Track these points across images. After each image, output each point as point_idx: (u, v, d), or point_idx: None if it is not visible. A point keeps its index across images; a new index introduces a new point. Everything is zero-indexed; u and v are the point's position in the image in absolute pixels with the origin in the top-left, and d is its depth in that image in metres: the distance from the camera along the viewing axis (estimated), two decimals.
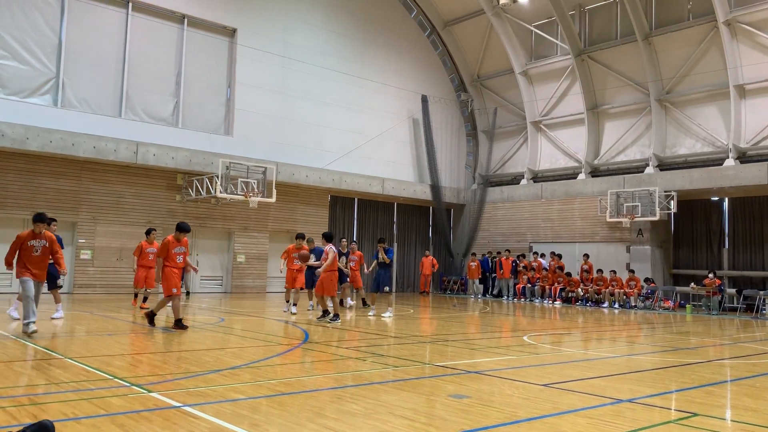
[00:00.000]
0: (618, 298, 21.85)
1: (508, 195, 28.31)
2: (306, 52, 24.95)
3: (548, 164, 27.82)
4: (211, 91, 22.93)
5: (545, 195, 26.91)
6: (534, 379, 6.89)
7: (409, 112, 28.31)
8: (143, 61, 21.29)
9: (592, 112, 26.18)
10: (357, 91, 26.33)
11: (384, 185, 26.64)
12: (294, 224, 24.63)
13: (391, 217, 28.82)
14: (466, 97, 30.23)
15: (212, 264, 23.18)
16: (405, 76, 28.21)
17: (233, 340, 10.09)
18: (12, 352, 7.85)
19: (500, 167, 29.62)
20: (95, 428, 4.39)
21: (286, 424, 4.78)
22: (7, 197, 18.81)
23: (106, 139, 19.74)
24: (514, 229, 27.79)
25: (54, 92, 19.62)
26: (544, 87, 27.62)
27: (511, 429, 4.72)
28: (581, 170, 26.21)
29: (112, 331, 10.48)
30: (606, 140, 26.12)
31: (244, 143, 22.90)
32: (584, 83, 26.00)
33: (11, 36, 18.86)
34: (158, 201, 21.58)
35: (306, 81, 24.82)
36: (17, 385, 5.77)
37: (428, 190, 28.26)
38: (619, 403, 5.77)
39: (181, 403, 5.22)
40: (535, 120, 27.92)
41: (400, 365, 7.72)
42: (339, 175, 25.08)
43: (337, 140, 25.41)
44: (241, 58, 23.25)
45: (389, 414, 5.08)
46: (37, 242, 9.76)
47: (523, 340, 11.00)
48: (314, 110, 25.00)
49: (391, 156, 27.38)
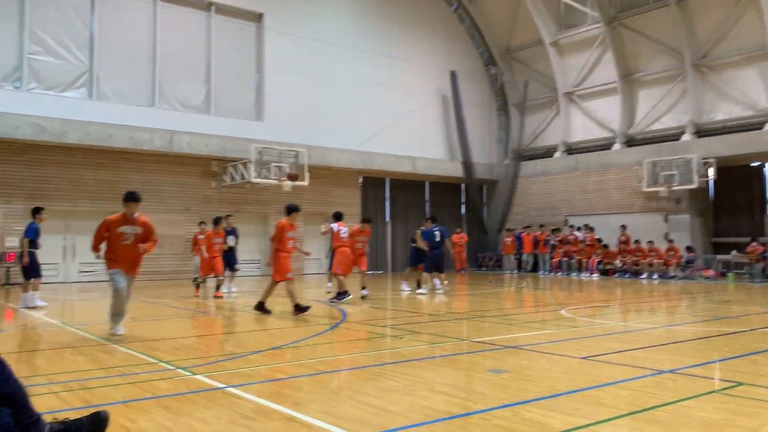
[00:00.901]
0: (657, 268, 21.51)
1: (541, 168, 27.97)
2: (333, 34, 24.87)
3: (582, 136, 27.36)
4: (240, 77, 23.07)
5: (580, 167, 26.51)
6: (573, 352, 6.86)
7: (438, 89, 28.06)
8: (173, 50, 21.50)
9: (625, 81, 25.60)
10: (385, 71, 26.18)
11: (415, 164, 26.56)
12: (328, 206, 24.69)
13: (423, 195, 28.75)
14: (496, 71, 29.81)
15: (250, 248, 23.48)
16: (433, 53, 27.93)
17: (273, 322, 10.26)
18: (61, 339, 8.12)
19: (533, 141, 29.25)
20: (143, 411, 4.54)
21: (328, 402, 4.86)
22: (49, 190, 19.31)
23: (141, 130, 20.08)
24: (549, 203, 27.48)
25: (88, 85, 19.98)
26: (575, 57, 27.06)
27: (551, 402, 4.73)
28: (616, 140, 25.73)
29: (155, 317, 10.74)
30: (640, 109, 25.55)
31: (276, 128, 23.02)
32: (616, 51, 25.40)
33: (45, 31, 19.22)
34: (194, 188, 21.92)
35: (334, 62, 24.77)
36: (67, 370, 5.99)
37: (460, 167, 28.08)
38: (660, 374, 5.71)
39: (224, 384, 5.34)
40: (567, 91, 27.42)
41: (438, 342, 7.76)
42: (370, 156, 25.08)
43: (366, 121, 25.36)
44: (269, 42, 23.30)
45: (428, 390, 5.13)
46: (129, 228, 8.13)
47: (561, 314, 10.94)
48: (343, 91, 24.96)
49: (422, 134, 27.22)
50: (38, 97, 18.86)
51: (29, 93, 18.84)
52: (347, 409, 4.61)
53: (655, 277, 21.30)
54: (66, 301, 14.45)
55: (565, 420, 4.21)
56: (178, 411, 4.53)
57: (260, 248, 23.75)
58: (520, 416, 4.32)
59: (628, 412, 4.44)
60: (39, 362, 6.43)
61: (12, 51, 18.70)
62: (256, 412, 4.49)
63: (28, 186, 18.93)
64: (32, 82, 18.99)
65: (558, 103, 27.85)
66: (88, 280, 20.08)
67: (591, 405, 4.61)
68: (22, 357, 6.74)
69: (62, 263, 19.95)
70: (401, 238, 27.79)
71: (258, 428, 4.09)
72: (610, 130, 26.14)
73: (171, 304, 13.13)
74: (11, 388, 2.70)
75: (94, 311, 12.49)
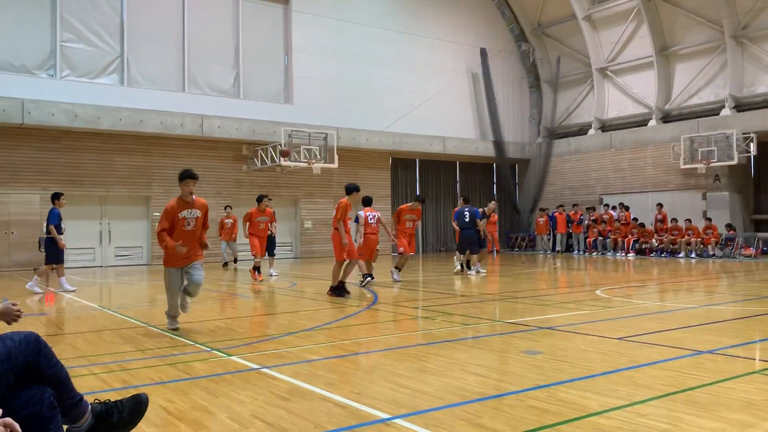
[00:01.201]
0: (694, 247, 21.08)
1: (575, 146, 27.53)
2: (360, 14, 24.71)
3: (616, 112, 26.81)
4: (269, 60, 23.10)
5: (614, 144, 26.02)
6: (608, 333, 6.77)
7: (468, 68, 27.73)
8: (202, 35, 21.62)
9: (661, 55, 24.94)
10: (414, 50, 25.95)
11: (445, 144, 26.37)
12: None
13: (454, 176, 28.58)
14: (527, 48, 29.31)
15: (281, 230, 23.60)
16: (462, 31, 27.56)
17: (306, 304, 10.34)
18: (100, 321, 8.30)
19: (566, 118, 28.77)
20: (181, 391, 4.61)
21: (361, 382, 4.88)
22: (84, 175, 19.69)
23: (172, 114, 20.29)
24: (583, 182, 27.08)
25: (120, 71, 20.23)
26: (608, 31, 26.44)
27: (587, 383, 4.67)
28: (652, 116, 25.15)
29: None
30: (677, 83, 24.90)
31: (305, 110, 23.05)
32: (652, 24, 24.73)
33: (77, 19, 19.48)
34: (225, 172, 22.13)
35: (362, 43, 24.63)
36: (107, 352, 6.12)
37: (491, 147, 27.80)
38: (699, 355, 5.60)
39: (259, 366, 5.40)
40: (601, 66, 26.85)
41: (471, 323, 7.73)
42: (399, 137, 24.98)
43: (395, 101, 25.22)
44: (296, 24, 23.26)
45: (462, 371, 5.11)
46: (188, 213, 7.26)
47: (596, 294, 10.80)
48: (372, 72, 24.84)
49: (452, 114, 26.98)
50: (72, 85, 19.17)
51: (63, 80, 19.17)
52: (380, 389, 4.62)
53: (693, 256, 20.89)
54: (103, 285, 14.77)
55: (602, 401, 4.15)
56: (215, 391, 4.59)
57: (291, 231, 23.92)
58: (555, 397, 4.28)
59: (666, 393, 4.35)
60: (80, 344, 6.58)
61: (45, 39, 19.01)
62: (291, 393, 4.52)
63: (63, 172, 19.33)
64: (65, 69, 19.31)
65: (591, 79, 27.30)
66: (124, 264, 20.50)
67: (628, 386, 4.54)
68: (64, 339, 6.91)
69: (98, 248, 20.38)
70: (432, 219, 27.74)
71: (293, 408, 4.12)
72: (646, 106, 25.56)
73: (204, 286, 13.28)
74: (53, 369, 2.76)
75: (130, 294, 12.75)
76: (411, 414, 3.97)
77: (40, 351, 2.69)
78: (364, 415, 3.97)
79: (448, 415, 3.95)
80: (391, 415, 3.94)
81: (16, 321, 3.70)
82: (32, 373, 2.67)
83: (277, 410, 4.09)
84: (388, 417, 3.91)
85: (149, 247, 20.91)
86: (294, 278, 15.04)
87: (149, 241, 20.91)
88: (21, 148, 18.72)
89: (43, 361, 2.69)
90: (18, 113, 17.90)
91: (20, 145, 18.70)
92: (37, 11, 18.88)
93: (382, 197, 25.68)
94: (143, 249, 21.06)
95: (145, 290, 13.49)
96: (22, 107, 17.93)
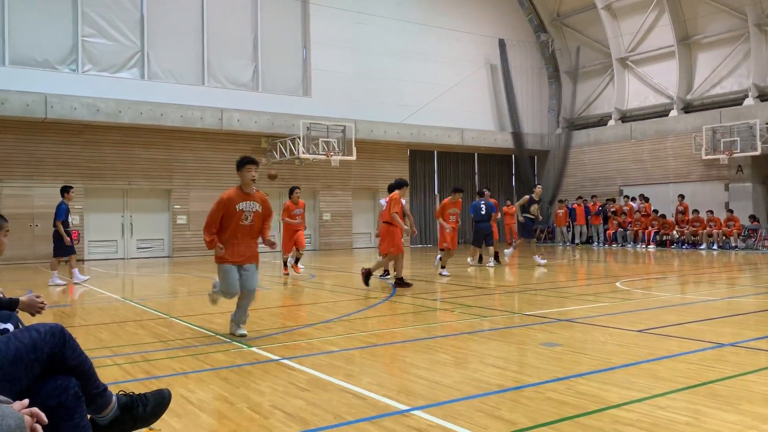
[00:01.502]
0: (716, 239, 20.82)
1: (594, 137, 27.27)
2: (378, 6, 24.64)
3: (637, 102, 26.49)
4: (287, 53, 23.15)
5: (635, 135, 25.73)
6: (628, 325, 6.73)
7: (486, 59, 27.55)
8: (221, 28, 21.71)
9: (682, 44, 24.57)
10: (431, 41, 25.83)
11: (463, 136, 26.27)
12: (375, 181, 24.81)
13: (472, 168, 28.46)
14: (546, 38, 29.04)
15: None
16: (480, 21, 27.37)
17: (325, 295, 10.40)
18: (123, 313, 8.42)
19: (585, 109, 28.49)
20: (202, 382, 4.68)
21: (380, 374, 4.91)
22: (105, 169, 19.92)
23: (192, 108, 20.44)
24: (603, 173, 26.83)
25: (140, 65, 20.40)
26: (629, 21, 26.09)
27: (606, 376, 4.65)
28: (673, 106, 24.82)
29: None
30: (699, 73, 24.52)
31: (323, 103, 23.09)
32: (673, 13, 24.35)
33: (98, 14, 19.66)
34: None
35: (379, 35, 24.57)
36: (130, 343, 6.21)
37: (510, 138, 27.64)
38: (720, 348, 5.55)
39: (279, 357, 5.45)
40: (621, 56, 26.52)
41: (489, 315, 7.72)
42: (417, 129, 24.92)
43: (413, 93, 25.15)
44: (314, 17, 23.27)
45: (480, 363, 5.12)
46: (247, 206, 6.43)
47: (616, 286, 10.73)
48: (389, 64, 24.78)
49: (470, 105, 26.85)
50: (93, 79, 19.38)
51: (84, 75, 19.38)
52: (399, 381, 4.65)
53: (715, 247, 20.64)
54: (125, 277, 14.96)
55: (621, 393, 4.14)
56: (236, 382, 4.65)
57: (310, 223, 23.98)
58: (574, 389, 4.27)
59: (687, 386, 4.33)
60: (103, 335, 6.68)
61: (67, 35, 19.22)
62: (310, 384, 4.57)
63: (85, 166, 19.58)
64: (87, 64, 19.52)
65: (611, 69, 26.99)
66: (146, 256, 20.74)
67: (647, 378, 4.52)
68: (88, 330, 7.02)
69: (120, 240, 20.63)
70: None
71: (312, 399, 4.16)
72: (667, 96, 25.23)
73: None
74: (78, 360, 2.81)
75: (152, 286, 12.91)
76: (429, 405, 3.99)
77: (65, 342, 2.74)
78: (383, 406, 4.00)
79: (466, 406, 3.97)
80: (409, 407, 3.96)
81: (40, 313, 3.78)
82: (57, 363, 2.72)
83: (297, 401, 4.14)
84: (407, 408, 3.93)
85: (170, 240, 21.14)
86: (313, 270, 15.12)
87: (170, 234, 21.13)
88: (44, 142, 18.98)
89: (67, 352, 2.75)
90: (41, 108, 18.14)
91: (43, 139, 18.96)
92: (60, 7, 19.09)
93: None
94: (164, 241, 21.29)
95: (166, 282, 13.65)
96: (45, 102, 18.17)
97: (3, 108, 17.64)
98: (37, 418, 2.00)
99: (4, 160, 18.45)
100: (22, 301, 3.69)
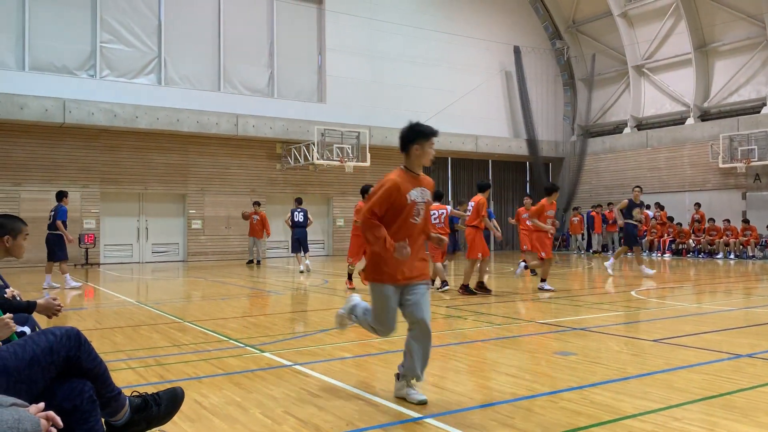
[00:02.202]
0: (733, 248, 20.59)
1: (610, 145, 27.11)
2: (393, 13, 24.71)
3: (653, 110, 26.32)
4: (303, 59, 23.26)
5: (651, 143, 25.55)
6: (643, 334, 6.67)
7: (501, 65, 27.52)
8: (237, 35, 21.87)
9: (700, 52, 24.40)
10: (446, 48, 25.84)
11: (477, 142, 26.23)
12: None
13: (486, 174, 28.38)
14: (562, 45, 28.95)
15: (314, 228, 23.79)
16: (495, 28, 27.35)
17: (338, 301, 10.40)
18: (137, 316, 8.47)
19: (601, 116, 28.35)
20: (215, 386, 4.69)
21: (392, 381, 4.88)
22: (122, 173, 20.10)
23: (207, 114, 20.59)
24: (618, 181, 26.65)
25: (157, 71, 20.59)
26: (645, 28, 25.95)
27: (621, 385, 4.61)
28: (689, 114, 24.63)
29: (224, 296, 11.06)
30: (716, 81, 24.33)
31: (337, 109, 23.16)
32: (690, 20, 24.20)
33: (116, 20, 19.89)
34: (260, 170, 22.37)
35: (394, 42, 24.63)
36: (144, 347, 6.25)
37: (524, 145, 27.55)
38: (737, 359, 5.48)
39: (292, 362, 5.46)
40: (637, 64, 26.38)
41: (502, 323, 7.69)
42: None
43: (427, 100, 25.14)
44: (330, 24, 23.37)
45: (493, 371, 5.09)
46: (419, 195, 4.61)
47: (631, 295, 10.64)
48: (404, 71, 24.82)
49: (484, 112, 26.80)
50: (111, 84, 19.59)
51: (102, 80, 19.60)
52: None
53: (732, 257, 20.41)
54: (140, 281, 15.07)
55: (636, 404, 4.10)
56: (248, 387, 4.66)
57: (323, 229, 24.06)
58: (588, 399, 4.24)
59: (703, 397, 4.28)
60: (118, 339, 6.73)
61: (86, 40, 19.46)
62: (323, 390, 4.57)
63: (102, 170, 19.78)
64: (105, 69, 19.73)
65: (627, 76, 26.85)
66: (161, 260, 20.88)
67: (663, 389, 4.47)
68: (103, 333, 7.07)
69: (136, 244, 20.79)
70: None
71: (325, 405, 4.16)
72: (683, 104, 25.05)
73: (238, 283, 13.48)
74: (93, 363, 2.83)
75: (166, 290, 12.99)
76: (442, 414, 3.98)
77: (81, 345, 2.77)
78: (396, 414, 3.99)
79: (479, 415, 3.95)
80: (422, 415, 3.95)
81: (57, 315, 3.82)
82: (73, 367, 2.74)
83: (309, 407, 4.14)
84: (420, 416, 3.92)
85: (185, 244, 21.27)
86: (326, 276, 15.14)
87: (185, 238, 21.27)
88: (62, 146, 19.20)
89: (83, 355, 2.77)
90: (60, 113, 18.36)
91: (61, 144, 19.19)
92: (79, 14, 19.33)
93: None
94: (179, 246, 21.42)
95: (180, 286, 13.73)
96: (63, 107, 18.39)
97: (22, 113, 17.88)
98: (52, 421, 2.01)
99: (23, 164, 18.68)
100: (40, 304, 3.73)
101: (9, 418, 1.80)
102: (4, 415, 1.80)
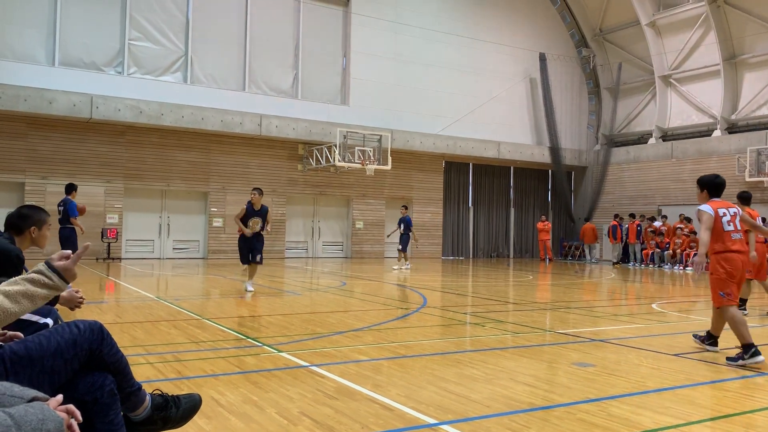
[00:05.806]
0: None
1: (634, 155, 26.84)
2: (418, 17, 24.72)
3: (679, 121, 26.01)
4: (327, 61, 23.36)
5: (676, 154, 25.25)
6: (664, 348, 6.58)
7: (525, 72, 27.39)
8: (263, 36, 22.03)
9: (728, 63, 24.07)
10: (471, 53, 25.79)
11: (500, 149, 26.12)
12: (409, 191, 24.83)
13: (508, 181, 28.27)
14: (588, 53, 28.74)
15: (332, 230, 23.92)
16: (521, 35, 27.23)
17: (355, 303, 10.41)
18: (157, 312, 8.55)
19: (626, 126, 28.08)
20: (232, 384, 4.72)
21: (408, 386, 4.88)
22: (145, 170, 20.33)
23: (232, 113, 20.75)
24: (642, 192, 26.37)
25: (183, 70, 20.81)
26: (673, 38, 25.67)
27: (640, 399, 4.55)
28: (716, 126, 24.30)
29: (241, 294, 11.11)
30: (745, 93, 23.98)
31: (360, 112, 23.22)
32: (720, 31, 23.89)
33: (144, 18, 20.15)
34: (281, 170, 22.49)
35: (419, 46, 24.64)
36: (163, 342, 6.30)
37: (547, 153, 27.38)
38: (761, 376, 5.38)
39: (308, 363, 5.47)
40: (664, 74, 26.10)
41: (520, 332, 7.63)
42: (453, 140, 24.87)
43: (450, 104, 25.13)
44: (355, 27, 23.45)
45: (510, 380, 5.06)
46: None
47: (652, 307, 10.50)
48: (427, 75, 24.82)
49: (507, 118, 26.70)
50: (137, 82, 19.84)
51: (129, 77, 19.85)
52: (427, 394, 4.62)
53: None
54: (161, 277, 15.21)
55: (655, 418, 4.04)
56: (265, 386, 4.68)
57: (342, 231, 24.11)
58: (606, 411, 4.19)
59: (724, 414, 4.21)
60: (137, 333, 6.80)
61: (115, 37, 19.73)
62: (339, 392, 4.57)
63: (126, 166, 20.02)
64: (132, 66, 19.98)
65: (654, 86, 26.57)
66: (182, 257, 21.07)
67: (683, 404, 4.41)
68: (122, 327, 7.15)
69: (158, 240, 20.99)
70: (483, 224, 27.54)
71: (340, 407, 4.16)
72: (711, 116, 24.72)
73: (257, 282, 13.53)
74: (115, 357, 2.86)
75: (186, 287, 13.10)
76: (458, 420, 3.95)
77: (103, 339, 2.79)
78: (411, 419, 3.98)
79: (495, 423, 3.92)
80: (437, 420, 3.93)
81: (79, 307, 3.86)
82: (95, 360, 2.77)
83: (325, 408, 4.14)
84: (435, 422, 3.90)
85: (206, 242, 21.44)
86: (343, 278, 15.16)
87: (206, 236, 21.44)
88: (88, 141, 19.47)
89: (105, 349, 2.80)
90: (87, 108, 18.63)
91: (87, 139, 19.45)
92: (109, 11, 19.61)
93: (435, 200, 25.62)
94: (200, 243, 21.60)
95: (200, 283, 13.84)
96: (91, 102, 18.65)
97: (51, 107, 18.17)
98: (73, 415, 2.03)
99: (50, 157, 18.97)
100: (62, 296, 3.77)
101: (33, 419, 1.81)
102: (28, 414, 1.82)
